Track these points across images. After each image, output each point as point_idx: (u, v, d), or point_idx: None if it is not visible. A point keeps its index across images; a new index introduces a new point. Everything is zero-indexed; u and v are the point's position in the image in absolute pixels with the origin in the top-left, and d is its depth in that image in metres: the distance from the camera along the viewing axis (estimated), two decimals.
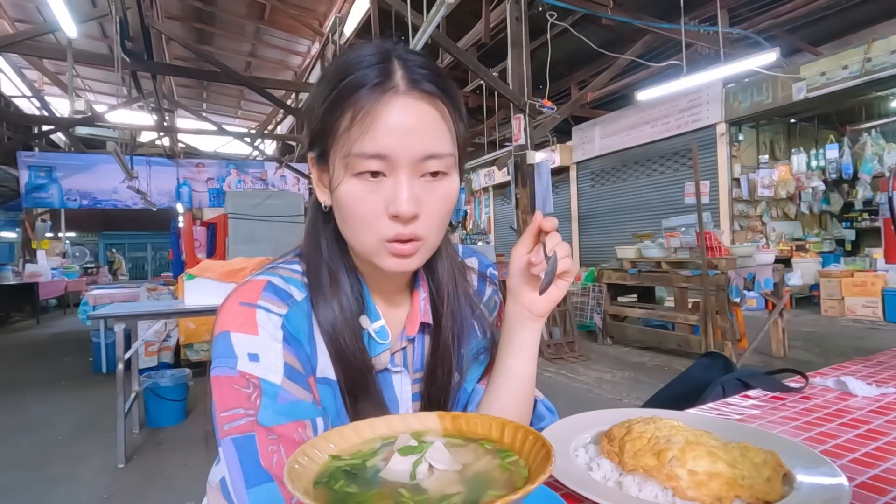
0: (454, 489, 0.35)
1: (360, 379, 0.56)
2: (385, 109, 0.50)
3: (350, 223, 0.54)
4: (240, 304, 0.53)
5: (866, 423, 0.70)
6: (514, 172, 5.46)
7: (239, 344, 0.51)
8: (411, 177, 0.52)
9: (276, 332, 0.53)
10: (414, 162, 0.51)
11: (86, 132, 11.87)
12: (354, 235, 0.55)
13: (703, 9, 6.29)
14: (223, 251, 5.99)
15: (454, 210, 0.69)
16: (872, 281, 6.21)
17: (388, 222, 0.52)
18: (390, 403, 0.61)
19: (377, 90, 0.51)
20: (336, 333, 0.56)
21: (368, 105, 0.50)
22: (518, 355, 0.61)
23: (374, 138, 0.50)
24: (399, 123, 0.50)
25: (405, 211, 0.51)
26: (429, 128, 0.52)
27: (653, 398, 1.02)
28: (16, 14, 7.97)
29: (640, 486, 0.49)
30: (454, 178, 0.56)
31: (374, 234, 0.53)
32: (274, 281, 0.56)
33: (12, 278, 8.64)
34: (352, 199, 0.52)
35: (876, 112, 7.56)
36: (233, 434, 0.49)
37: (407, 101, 0.51)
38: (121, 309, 3.01)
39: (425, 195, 0.53)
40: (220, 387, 0.51)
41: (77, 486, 2.45)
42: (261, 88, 7.10)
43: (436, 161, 0.52)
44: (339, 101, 0.52)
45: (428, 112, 0.52)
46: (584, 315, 5.82)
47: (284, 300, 0.55)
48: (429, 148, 0.52)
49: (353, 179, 0.52)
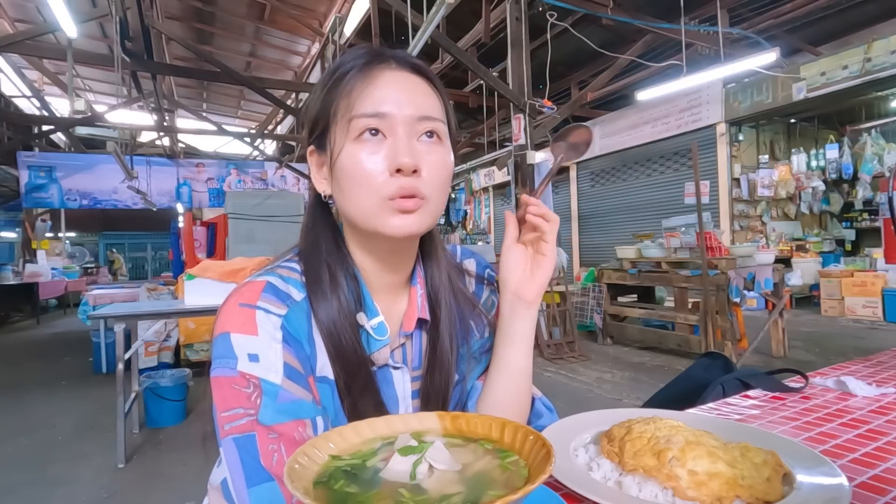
0: (454, 489, 0.35)
1: (358, 376, 0.56)
2: (378, 78, 0.55)
3: (352, 187, 0.55)
4: (239, 305, 0.54)
5: (866, 423, 0.70)
6: (514, 172, 5.46)
7: (239, 344, 0.51)
8: (410, 136, 0.55)
9: (275, 332, 0.53)
10: (410, 121, 0.55)
11: (86, 132, 11.87)
12: (356, 200, 0.55)
13: (703, 9, 6.29)
14: (223, 251, 5.99)
15: (455, 210, 0.70)
16: (872, 281, 6.21)
17: (389, 179, 0.53)
18: (391, 400, 0.61)
19: (370, 65, 0.56)
20: (335, 331, 0.56)
21: (364, 77, 0.55)
22: (514, 347, 0.62)
23: (371, 100, 0.54)
24: (394, 88, 0.55)
25: (407, 163, 0.53)
26: (420, 94, 0.57)
27: (653, 398, 1.02)
28: (16, 14, 7.97)
29: (640, 486, 0.49)
30: (448, 148, 0.59)
31: (377, 193, 0.54)
32: (273, 282, 0.56)
33: (12, 278, 8.64)
34: (353, 162, 0.54)
35: (876, 112, 7.55)
36: (233, 433, 0.49)
37: (400, 74, 0.57)
38: (121, 309, 3.01)
39: (424, 155, 0.55)
40: (220, 387, 0.51)
41: (77, 486, 2.45)
42: (261, 88, 7.11)
43: (430, 122, 0.56)
44: (337, 83, 0.56)
45: (418, 83, 0.57)
46: (584, 315, 5.82)
47: (284, 301, 0.55)
48: (423, 110, 0.56)
49: (353, 144, 0.55)
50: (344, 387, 0.56)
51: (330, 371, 0.56)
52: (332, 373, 0.56)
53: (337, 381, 0.56)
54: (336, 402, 0.56)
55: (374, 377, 0.58)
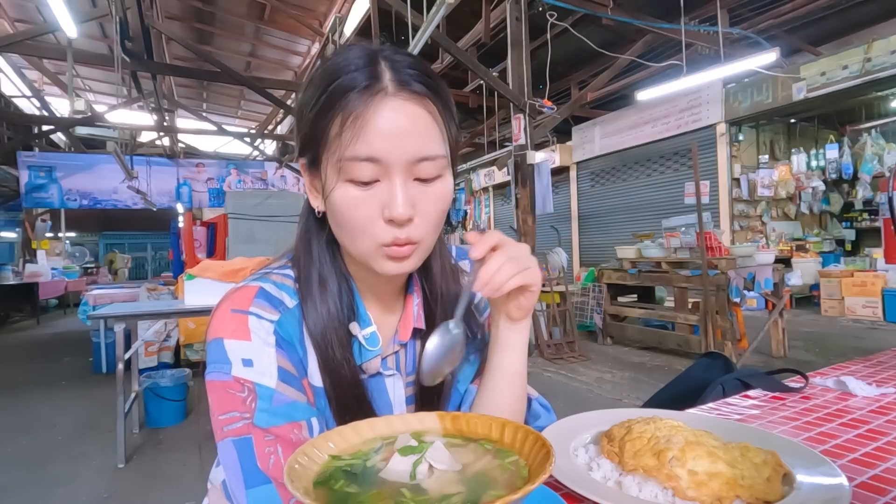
0: (454, 489, 0.35)
1: (347, 387, 0.56)
2: (375, 113, 0.50)
3: (345, 229, 0.54)
4: (231, 311, 0.54)
5: (866, 423, 0.70)
6: (514, 172, 5.46)
7: (232, 350, 0.52)
8: (405, 180, 0.51)
9: (268, 337, 0.53)
10: (407, 165, 0.51)
11: (86, 132, 11.88)
12: (350, 241, 0.55)
13: (703, 9, 6.29)
14: (223, 251, 5.99)
15: (454, 210, 0.68)
16: (872, 281, 6.21)
17: (383, 226, 0.52)
18: (384, 408, 0.60)
19: (366, 93, 0.50)
20: (324, 342, 0.56)
21: (358, 109, 0.50)
22: (508, 354, 0.61)
23: (365, 142, 0.50)
24: (390, 127, 0.50)
25: (401, 215, 0.50)
26: (420, 130, 0.51)
27: (653, 398, 1.02)
28: (16, 14, 7.97)
29: (640, 486, 0.49)
30: (447, 178, 0.55)
31: (370, 238, 0.52)
32: (266, 287, 0.56)
33: (12, 278, 8.64)
34: (346, 205, 0.52)
35: (876, 112, 7.55)
36: (231, 436, 0.49)
37: (397, 103, 0.51)
38: (121, 309, 3.01)
39: (420, 197, 0.52)
40: (215, 391, 0.51)
41: (77, 486, 2.45)
42: (261, 88, 7.10)
43: (429, 163, 0.52)
44: (329, 107, 0.51)
45: (418, 114, 0.52)
46: (584, 315, 5.82)
47: (276, 307, 0.55)
48: (421, 150, 0.51)
49: (346, 185, 0.51)
50: (333, 397, 0.56)
51: (319, 380, 0.56)
52: (321, 381, 0.56)
53: (326, 390, 0.56)
54: (328, 411, 0.56)
55: (365, 388, 0.58)
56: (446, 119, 0.55)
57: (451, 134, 0.56)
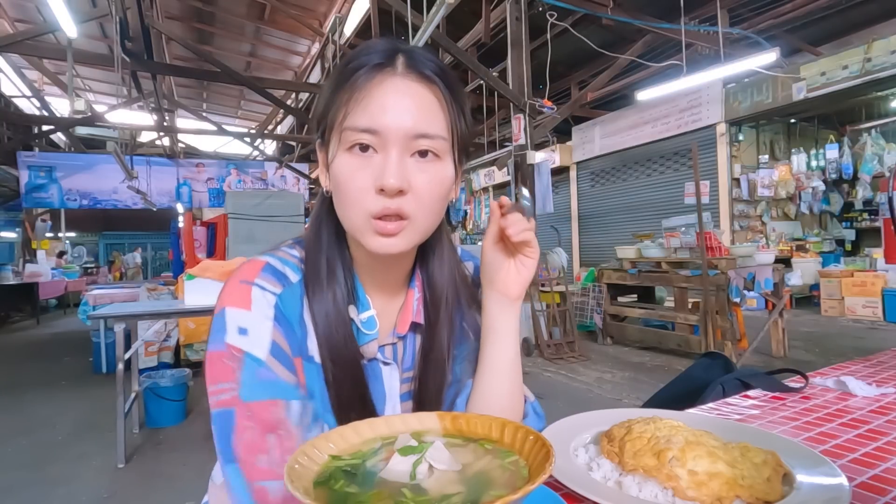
0: (454, 489, 0.35)
1: (346, 366, 0.57)
2: (380, 87, 0.52)
3: (341, 200, 0.55)
4: (240, 281, 0.55)
5: (866, 423, 0.70)
6: (514, 172, 5.46)
7: (231, 318, 0.52)
8: (401, 154, 0.52)
9: (268, 309, 0.54)
10: (405, 139, 0.52)
11: (86, 132, 11.88)
12: (345, 212, 0.56)
13: (703, 9, 6.30)
14: (223, 251, 5.99)
15: (455, 210, 0.69)
16: (872, 281, 6.21)
17: (374, 197, 0.52)
18: (378, 395, 0.61)
19: (375, 70, 0.53)
20: (328, 323, 0.57)
21: (366, 83, 0.52)
22: (500, 343, 0.61)
23: (367, 113, 0.52)
24: (393, 102, 0.52)
25: (391, 184, 0.51)
26: (422, 108, 0.53)
27: (653, 398, 1.02)
28: (16, 14, 7.98)
29: (640, 486, 0.49)
30: (447, 163, 0.56)
31: (362, 209, 0.53)
32: (272, 262, 0.58)
33: (12, 278, 8.64)
34: (343, 175, 0.53)
35: (876, 112, 7.55)
36: (218, 408, 0.50)
37: (403, 82, 0.53)
38: (121, 309, 3.01)
39: (415, 174, 0.53)
40: (211, 363, 0.52)
41: (77, 486, 2.45)
42: (261, 88, 7.11)
43: (427, 140, 0.53)
44: (342, 82, 0.54)
45: (423, 94, 0.54)
46: (584, 315, 5.82)
47: (280, 280, 0.56)
48: (420, 127, 0.52)
49: (346, 154, 0.53)
50: (331, 375, 0.57)
51: (318, 354, 0.57)
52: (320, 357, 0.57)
53: (324, 368, 0.57)
54: (322, 384, 0.57)
55: (363, 369, 0.59)
56: (453, 109, 0.56)
57: (458, 126, 0.57)
